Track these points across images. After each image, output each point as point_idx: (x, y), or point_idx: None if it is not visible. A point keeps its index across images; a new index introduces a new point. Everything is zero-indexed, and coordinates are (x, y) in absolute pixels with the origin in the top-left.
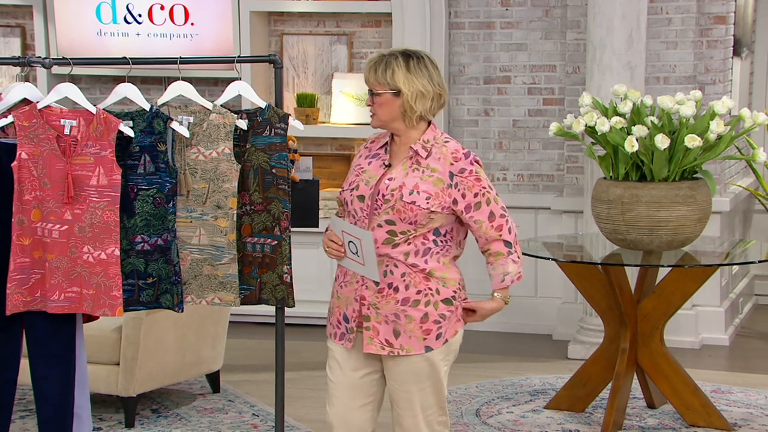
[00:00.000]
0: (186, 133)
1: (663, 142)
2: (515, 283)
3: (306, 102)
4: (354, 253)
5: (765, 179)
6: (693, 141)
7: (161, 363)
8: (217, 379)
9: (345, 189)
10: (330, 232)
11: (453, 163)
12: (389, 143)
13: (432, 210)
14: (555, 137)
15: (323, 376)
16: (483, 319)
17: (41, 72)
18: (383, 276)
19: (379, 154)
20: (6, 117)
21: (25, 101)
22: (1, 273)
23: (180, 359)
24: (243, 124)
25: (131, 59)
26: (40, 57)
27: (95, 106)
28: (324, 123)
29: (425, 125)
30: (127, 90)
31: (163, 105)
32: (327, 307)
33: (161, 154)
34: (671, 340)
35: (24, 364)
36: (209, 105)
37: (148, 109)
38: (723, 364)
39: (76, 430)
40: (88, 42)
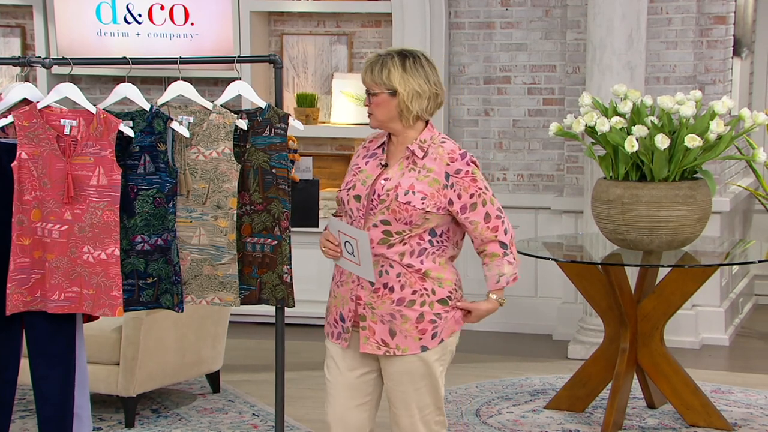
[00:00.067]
0: (186, 133)
1: (663, 142)
2: (511, 285)
3: (306, 102)
4: (350, 254)
5: (765, 179)
6: (693, 141)
7: (161, 363)
8: (217, 379)
9: (342, 188)
10: (327, 231)
11: (449, 164)
12: (386, 143)
13: (427, 210)
14: (555, 137)
15: (323, 375)
16: (478, 320)
17: (41, 72)
18: (379, 276)
19: (377, 153)
20: (6, 117)
21: (25, 101)
22: (1, 273)
23: (180, 359)
24: (243, 124)
25: (131, 59)
26: (40, 57)
27: (95, 106)
28: (324, 123)
29: (423, 125)
30: (127, 90)
31: (163, 105)
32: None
33: (161, 154)
34: (671, 340)
35: (24, 364)
36: (209, 105)
37: (148, 109)
38: (723, 364)
39: (76, 430)
40: (88, 42)
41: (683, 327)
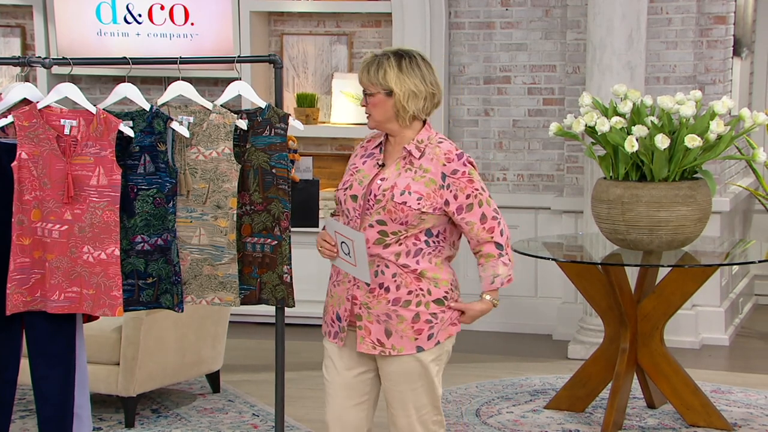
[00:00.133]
0: (186, 133)
1: (663, 142)
2: (505, 286)
3: (306, 102)
4: (346, 254)
5: (765, 179)
6: (693, 141)
7: (161, 363)
8: (217, 379)
9: (340, 188)
10: (324, 231)
11: (446, 164)
12: (384, 143)
13: (423, 211)
14: (555, 137)
15: (322, 375)
16: (472, 321)
17: (41, 72)
18: (374, 276)
19: (374, 153)
20: (6, 117)
21: (25, 101)
22: (1, 273)
23: (180, 359)
24: (243, 124)
25: (131, 59)
26: (40, 57)
27: (95, 106)
28: (324, 123)
29: (420, 125)
30: (127, 90)
31: (163, 105)
32: None
33: (161, 154)
34: (671, 340)
35: (24, 364)
36: (209, 105)
37: (148, 109)
38: (723, 364)
39: (76, 430)
40: (88, 42)
41: (683, 327)
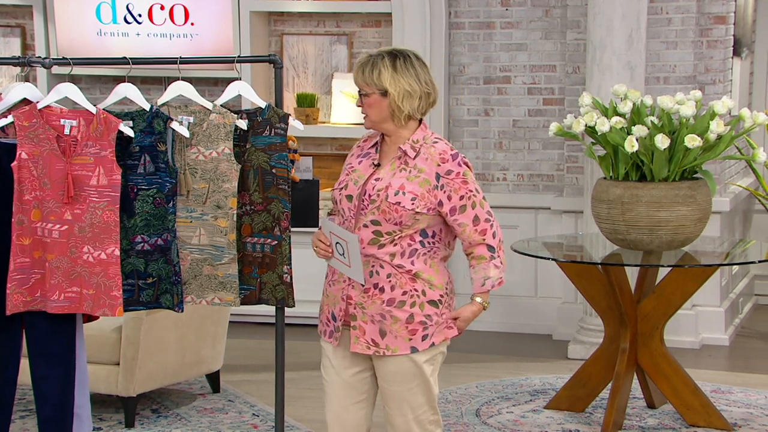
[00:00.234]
0: (186, 133)
1: (663, 142)
2: (496, 288)
3: (306, 102)
4: (341, 255)
5: (765, 179)
6: (693, 141)
7: (161, 363)
8: (217, 379)
9: (335, 188)
10: (319, 231)
11: (440, 164)
12: (380, 142)
13: (417, 211)
14: (555, 137)
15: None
16: (466, 325)
17: (41, 72)
18: (369, 276)
19: (370, 153)
20: (6, 117)
21: (25, 101)
22: (1, 273)
23: (180, 359)
24: (243, 124)
25: (131, 59)
26: (40, 57)
27: (95, 106)
28: (324, 123)
29: (416, 125)
30: (127, 90)
31: (163, 105)
32: None
33: (161, 154)
34: (671, 340)
35: (24, 364)
36: (209, 105)
37: (148, 109)
38: (723, 364)
39: (76, 430)
40: (88, 42)
41: (683, 327)
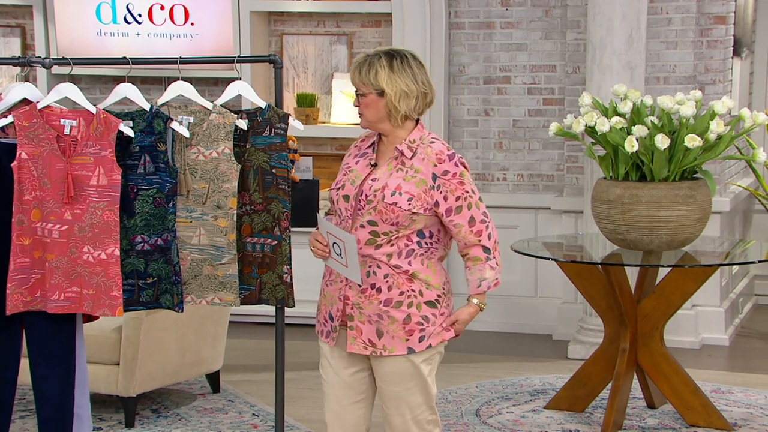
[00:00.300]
0: (186, 133)
1: (663, 142)
2: (492, 289)
3: (306, 102)
4: (338, 255)
5: (765, 179)
6: (693, 141)
7: (161, 363)
8: (217, 379)
9: (333, 188)
10: (316, 231)
11: (437, 165)
12: (377, 142)
13: (414, 211)
14: (555, 137)
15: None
16: (464, 327)
17: (41, 72)
18: (366, 276)
19: (367, 153)
20: (6, 117)
21: (25, 101)
22: (1, 273)
23: (180, 359)
24: (243, 124)
25: (131, 59)
26: (40, 57)
27: (95, 106)
28: (324, 123)
29: (413, 125)
30: (127, 90)
31: (163, 105)
32: None
33: (161, 154)
34: (671, 340)
35: (24, 364)
36: (209, 105)
37: (148, 109)
38: (723, 364)
39: (76, 430)
40: (88, 42)
41: (683, 327)
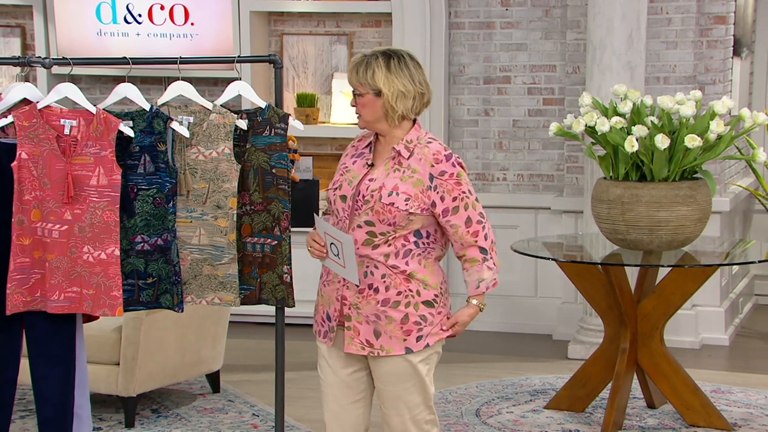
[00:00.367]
0: (186, 133)
1: (663, 142)
2: (491, 290)
3: (306, 102)
4: (335, 255)
5: (765, 179)
6: (693, 141)
7: (161, 363)
8: (217, 379)
9: (330, 188)
10: (314, 231)
11: (434, 165)
12: (374, 142)
13: (411, 212)
14: (555, 137)
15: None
16: (465, 327)
17: (41, 72)
18: (364, 277)
19: (364, 153)
20: (6, 117)
21: (25, 101)
22: (1, 273)
23: (180, 359)
24: (243, 124)
25: (131, 59)
26: (40, 57)
27: (95, 106)
28: (324, 123)
29: (410, 125)
30: (127, 90)
31: (163, 105)
32: None
33: (161, 154)
34: (671, 340)
35: (24, 364)
36: (209, 105)
37: (148, 109)
38: (723, 364)
39: (76, 430)
40: (88, 42)
41: (683, 327)
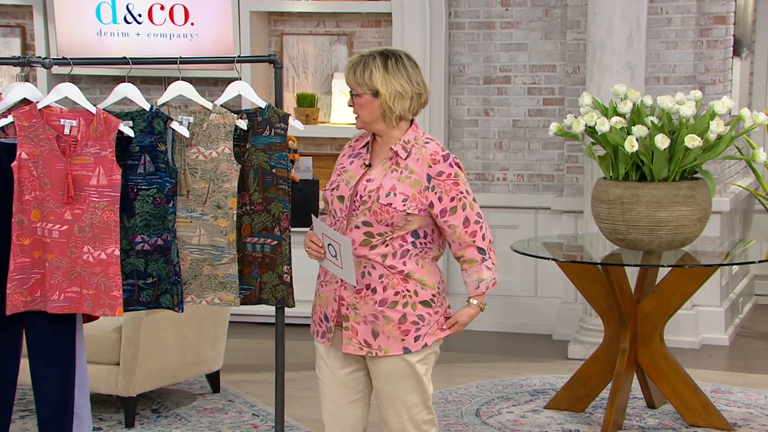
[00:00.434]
0: (186, 133)
1: (663, 142)
2: (490, 290)
3: (306, 102)
4: (333, 256)
5: (765, 179)
6: (693, 141)
7: (161, 363)
8: (217, 379)
9: (327, 188)
10: (311, 232)
11: (431, 165)
12: (371, 143)
13: (408, 212)
14: (555, 137)
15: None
16: (464, 327)
17: (41, 72)
18: (361, 277)
19: (361, 153)
20: (6, 117)
21: (25, 101)
22: (1, 273)
23: (180, 359)
24: (243, 124)
25: (131, 59)
26: (40, 57)
27: (95, 106)
28: (324, 123)
29: (407, 125)
30: (127, 90)
31: (163, 105)
32: None
33: (161, 154)
34: (671, 340)
35: (24, 364)
36: (209, 105)
37: (148, 109)
38: (723, 364)
39: (76, 430)
40: (88, 42)
41: (683, 327)
